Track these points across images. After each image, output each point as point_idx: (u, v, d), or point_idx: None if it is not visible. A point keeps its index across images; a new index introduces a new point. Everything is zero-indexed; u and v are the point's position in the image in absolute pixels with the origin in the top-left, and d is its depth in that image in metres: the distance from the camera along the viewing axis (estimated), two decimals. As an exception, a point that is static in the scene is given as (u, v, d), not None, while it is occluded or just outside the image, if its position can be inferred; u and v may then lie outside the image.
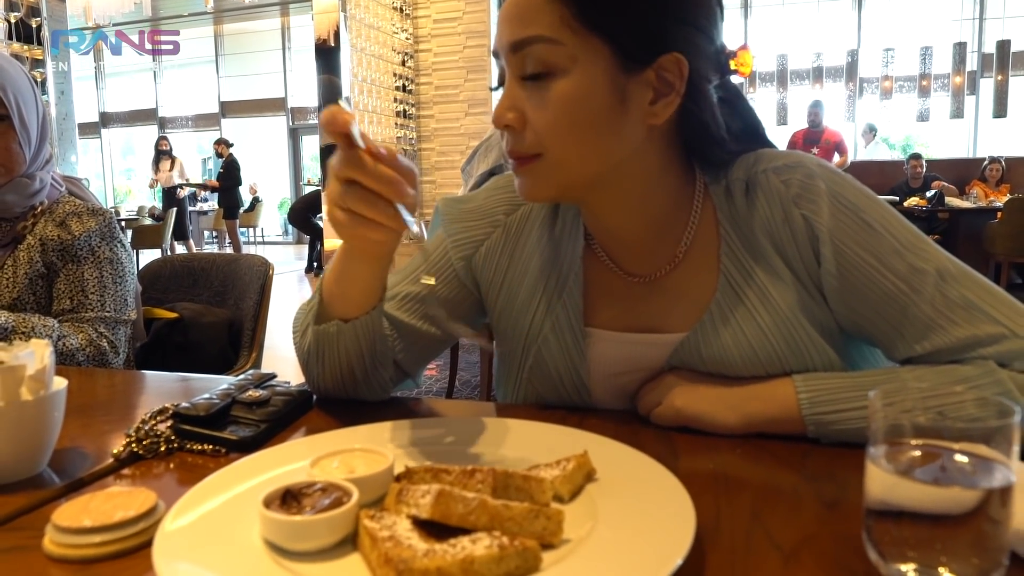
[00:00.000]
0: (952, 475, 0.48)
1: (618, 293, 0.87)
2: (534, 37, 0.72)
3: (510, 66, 0.75)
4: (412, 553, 0.46)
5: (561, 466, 0.59)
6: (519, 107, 0.74)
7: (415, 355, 0.93)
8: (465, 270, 0.93)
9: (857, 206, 0.78)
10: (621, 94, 0.73)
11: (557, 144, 0.74)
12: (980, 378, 0.71)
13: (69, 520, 0.56)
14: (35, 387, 0.68)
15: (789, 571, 0.50)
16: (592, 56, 0.72)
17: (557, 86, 0.72)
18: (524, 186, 0.78)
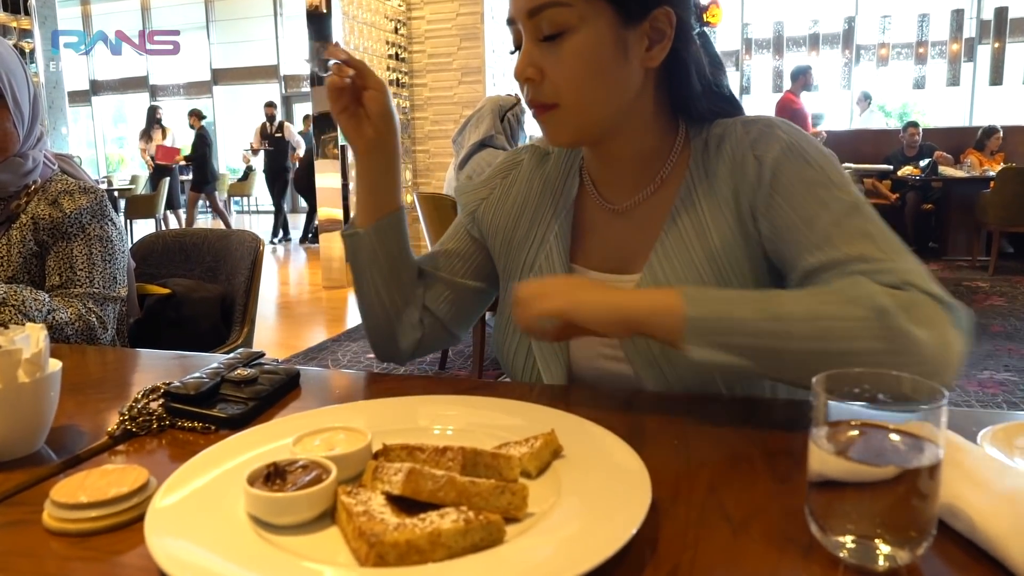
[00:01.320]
0: (886, 454, 0.51)
1: (601, 229, 0.98)
2: (547, 3, 0.83)
3: (527, 30, 0.87)
4: (384, 527, 0.49)
5: (529, 444, 0.63)
6: (537, 63, 0.86)
7: (457, 310, 1.07)
8: (471, 223, 1.09)
9: (807, 153, 0.86)
10: (623, 44, 0.85)
11: (572, 92, 0.86)
12: (850, 288, 0.74)
13: (66, 496, 0.59)
14: (31, 370, 0.71)
15: (737, 542, 0.54)
16: (597, 15, 0.84)
17: (569, 43, 0.84)
18: (547, 131, 0.91)
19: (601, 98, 0.87)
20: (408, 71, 7.12)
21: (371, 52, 6.55)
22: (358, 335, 4.56)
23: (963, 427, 0.73)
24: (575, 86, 0.86)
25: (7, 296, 1.31)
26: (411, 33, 7.08)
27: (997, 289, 5.70)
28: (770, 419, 0.79)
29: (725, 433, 0.75)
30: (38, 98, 1.51)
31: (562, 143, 0.94)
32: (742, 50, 10.20)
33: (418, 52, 7.12)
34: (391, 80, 6.87)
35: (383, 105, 0.95)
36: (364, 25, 6.47)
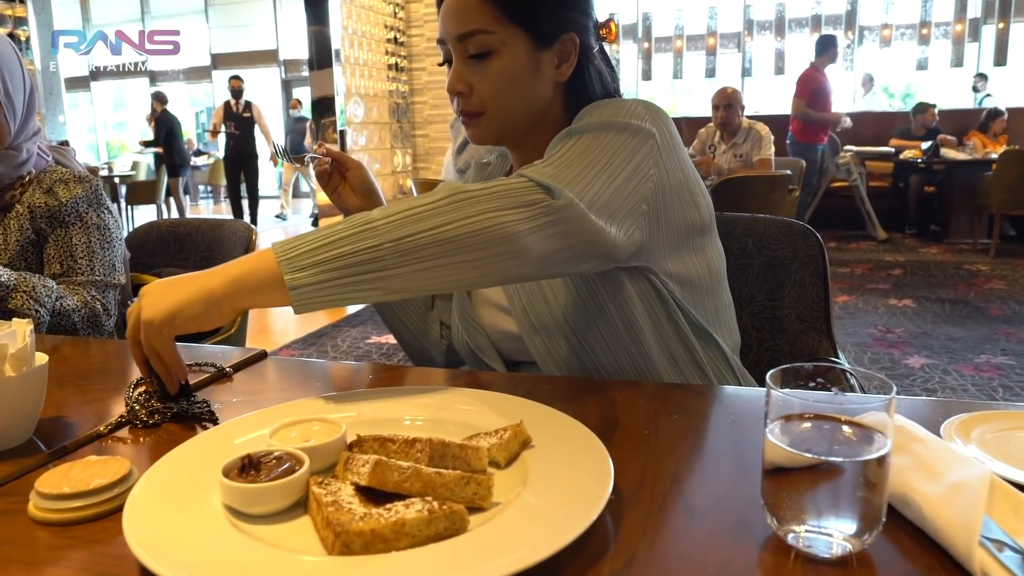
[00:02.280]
0: (837, 446, 0.53)
1: None
2: (475, 30, 0.98)
3: (456, 51, 1.01)
4: (350, 516, 0.51)
5: (498, 435, 0.65)
6: (466, 79, 1.01)
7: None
8: None
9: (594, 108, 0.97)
10: (536, 64, 1.01)
11: (496, 103, 1.01)
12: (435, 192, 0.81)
13: (50, 487, 0.61)
14: (17, 364, 0.73)
15: (694, 530, 0.56)
16: (515, 40, 0.99)
17: (494, 63, 0.99)
18: (475, 134, 1.05)
19: (519, 107, 1.02)
20: (407, 55, 7.10)
21: (369, 36, 6.53)
22: (357, 321, 4.58)
23: (931, 417, 0.75)
24: (498, 98, 1.00)
25: (18, 282, 1.34)
26: (409, 17, 7.06)
27: (998, 272, 5.70)
28: (741, 408, 0.81)
29: (695, 423, 0.77)
30: (34, 90, 1.52)
31: (485, 143, 1.08)
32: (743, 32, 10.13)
33: (416, 36, 7.10)
34: (390, 64, 6.85)
35: (362, 178, 1.14)
36: (362, 9, 6.45)
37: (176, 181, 9.90)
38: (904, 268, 5.96)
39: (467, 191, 0.79)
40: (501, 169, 1.20)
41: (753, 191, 3.85)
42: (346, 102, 6.29)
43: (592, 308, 0.96)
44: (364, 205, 1.13)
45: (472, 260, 0.77)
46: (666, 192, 0.93)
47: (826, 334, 1.34)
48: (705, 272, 1.01)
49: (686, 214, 0.97)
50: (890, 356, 3.75)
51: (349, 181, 1.14)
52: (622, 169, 0.88)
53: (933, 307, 4.67)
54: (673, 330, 0.98)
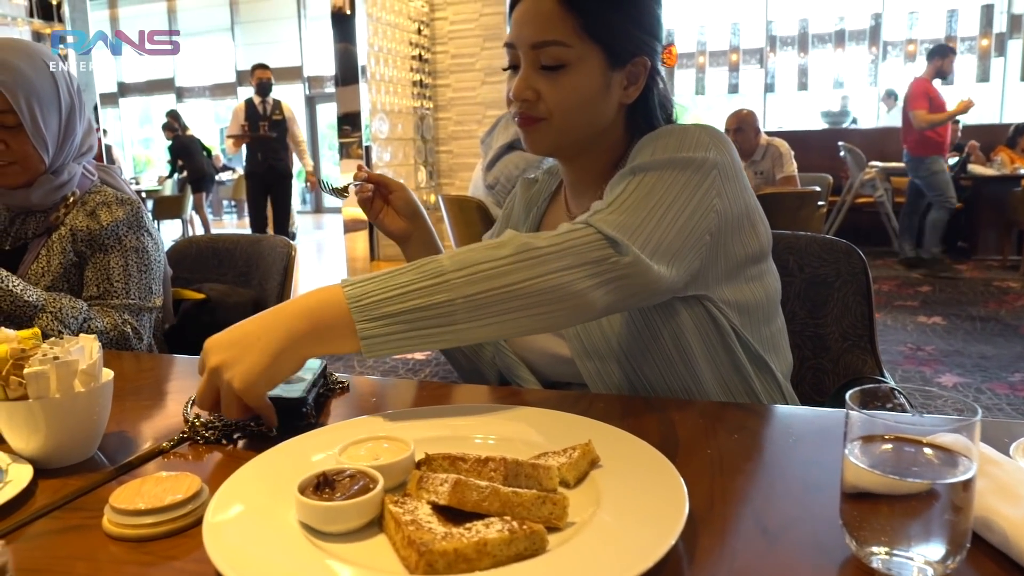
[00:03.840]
0: (920, 468, 0.52)
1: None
2: (553, 41, 0.97)
3: (528, 58, 1.00)
4: (432, 536, 0.52)
5: (567, 454, 0.65)
6: (534, 87, 1.00)
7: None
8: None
9: (658, 137, 0.97)
10: (607, 83, 1.01)
11: (561, 114, 1.00)
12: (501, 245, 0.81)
13: (125, 502, 0.62)
14: (86, 380, 0.74)
15: (772, 553, 0.56)
16: (591, 57, 0.98)
17: (566, 76, 0.98)
18: (532, 139, 1.04)
19: (583, 123, 1.02)
20: (431, 72, 7.17)
21: (394, 53, 6.60)
22: (383, 335, 4.60)
23: (995, 438, 0.74)
24: (564, 110, 1.00)
25: (46, 303, 1.35)
26: (434, 34, 7.13)
27: (1028, 289, 5.61)
28: (801, 428, 0.81)
29: (757, 442, 0.77)
30: (75, 111, 1.49)
31: (540, 151, 1.06)
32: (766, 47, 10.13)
33: (441, 53, 7.16)
34: (414, 81, 6.91)
35: (406, 199, 1.14)
36: (387, 26, 6.52)
37: (200, 196, 9.98)
38: (932, 285, 5.89)
39: (538, 248, 0.80)
40: (548, 187, 1.20)
41: (782, 208, 3.83)
42: (371, 118, 6.35)
43: (646, 334, 0.96)
44: (409, 228, 1.13)
45: (541, 314, 0.80)
46: (728, 222, 0.93)
47: (871, 352, 1.33)
48: (763, 298, 1.01)
49: (746, 242, 0.97)
50: (921, 374, 3.70)
51: (393, 204, 1.13)
52: (686, 206, 0.89)
53: (964, 325, 4.61)
54: (727, 357, 0.97)
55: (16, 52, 1.41)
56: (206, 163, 10.11)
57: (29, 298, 1.34)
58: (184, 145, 9.81)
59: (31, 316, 1.35)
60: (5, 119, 1.38)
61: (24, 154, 1.41)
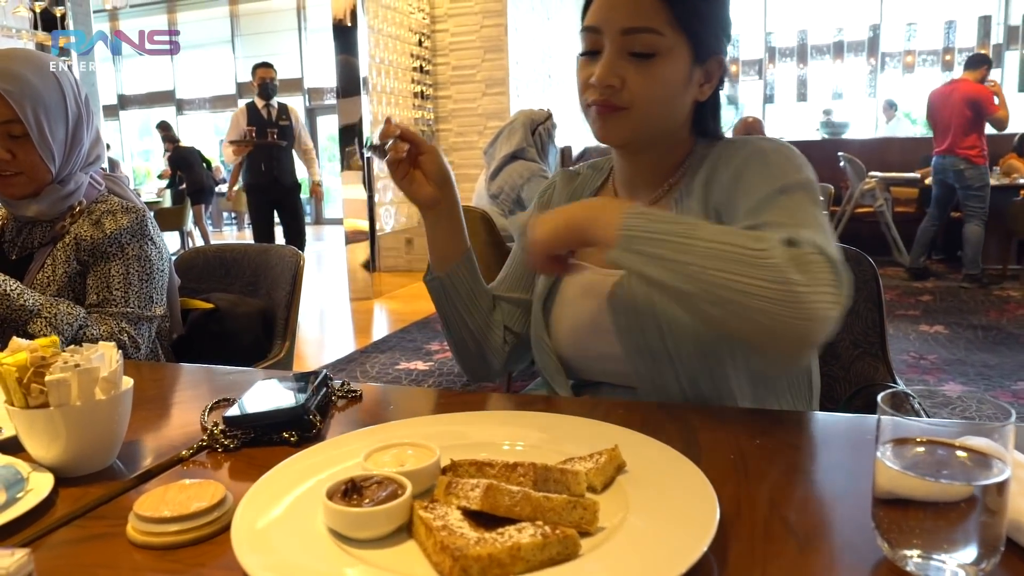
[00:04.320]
0: (953, 471, 0.52)
1: None
2: (647, 28, 0.96)
3: (615, 43, 0.97)
4: (465, 541, 0.51)
5: (594, 459, 0.65)
6: (620, 74, 0.97)
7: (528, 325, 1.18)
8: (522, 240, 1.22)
9: (768, 157, 0.97)
10: (689, 77, 1.00)
11: (645, 104, 0.98)
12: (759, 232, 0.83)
13: (150, 510, 0.62)
14: (107, 387, 0.74)
15: (804, 557, 0.56)
16: (679, 48, 0.97)
17: (655, 65, 0.96)
18: (606, 129, 1.01)
19: (663, 116, 1.00)
20: (432, 83, 7.19)
21: (396, 65, 6.63)
22: (386, 347, 4.59)
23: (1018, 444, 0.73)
24: (647, 101, 0.97)
25: (41, 308, 1.35)
26: (435, 46, 7.16)
27: (1029, 298, 5.62)
28: (823, 433, 0.80)
29: (781, 448, 0.76)
30: (82, 121, 1.49)
31: (614, 141, 1.04)
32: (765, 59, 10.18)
33: (442, 64, 7.18)
34: (415, 92, 6.94)
35: (437, 164, 1.07)
36: (389, 38, 6.55)
37: (199, 209, 9.96)
38: (933, 294, 5.89)
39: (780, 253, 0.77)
40: (593, 182, 1.18)
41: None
42: (373, 129, 6.36)
43: (703, 336, 0.95)
44: (437, 195, 1.07)
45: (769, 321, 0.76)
46: None
47: (882, 359, 1.33)
48: None
49: None
50: (925, 383, 3.70)
51: (422, 167, 1.06)
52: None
53: (966, 333, 4.60)
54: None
55: (23, 62, 1.41)
56: (205, 175, 10.09)
57: (25, 302, 1.34)
58: (183, 156, 9.79)
59: (26, 321, 1.34)
60: (12, 129, 1.38)
61: (31, 164, 1.41)
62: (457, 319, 1.14)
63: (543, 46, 7.84)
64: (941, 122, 6.07)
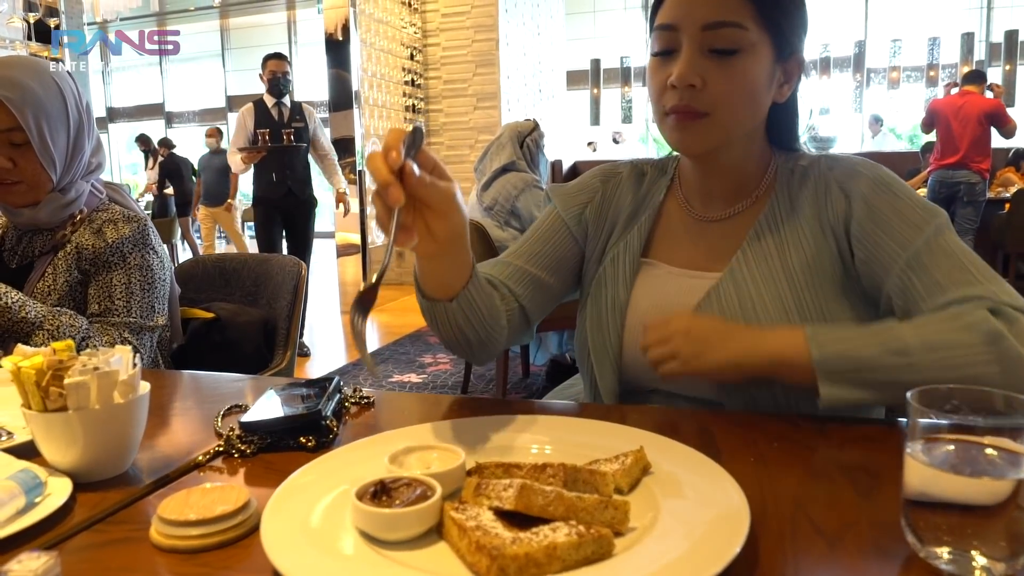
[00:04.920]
0: (983, 467, 0.53)
1: (683, 231, 1.06)
2: (731, 22, 0.90)
3: (694, 40, 0.91)
4: (501, 541, 0.51)
5: (620, 460, 0.65)
6: (701, 73, 0.91)
7: (538, 303, 1.10)
8: (577, 226, 1.13)
9: (890, 183, 0.94)
10: (771, 77, 0.95)
11: (727, 107, 0.92)
12: (960, 317, 0.80)
13: (175, 513, 0.61)
14: (125, 391, 0.74)
15: (835, 555, 0.56)
16: (763, 44, 0.92)
17: (740, 62, 0.91)
18: (686, 139, 0.95)
19: (746, 118, 0.95)
20: (424, 97, 7.21)
21: (387, 78, 6.65)
22: (378, 359, 4.58)
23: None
24: (731, 101, 0.92)
25: (44, 319, 1.34)
26: (427, 60, 7.19)
27: (1016, 310, 5.66)
28: (842, 436, 0.81)
29: (799, 450, 0.77)
30: (83, 128, 1.48)
31: (696, 152, 0.98)
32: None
33: (434, 78, 7.22)
34: (407, 106, 6.96)
35: (451, 225, 0.78)
36: (381, 52, 6.57)
37: (186, 221, 9.89)
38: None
39: (1001, 336, 0.77)
40: (657, 189, 1.10)
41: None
42: (364, 143, 6.37)
43: None
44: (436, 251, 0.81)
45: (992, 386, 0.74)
46: None
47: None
48: None
49: None
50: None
51: (432, 228, 0.76)
52: None
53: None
54: None
55: (25, 70, 1.40)
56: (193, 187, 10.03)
57: (27, 315, 1.32)
58: (177, 165, 9.74)
59: (28, 333, 1.33)
60: (13, 137, 1.37)
61: (32, 172, 1.40)
62: (459, 335, 0.95)
63: (534, 60, 7.89)
64: (951, 134, 6.12)
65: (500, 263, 1.10)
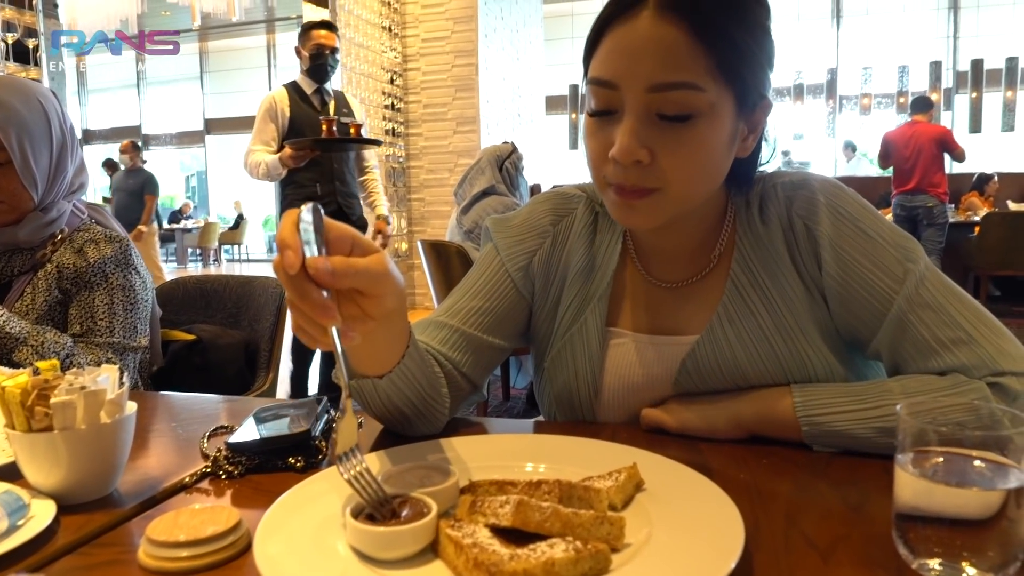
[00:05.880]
0: (972, 478, 0.54)
1: (645, 298, 0.96)
2: (683, 83, 0.75)
3: (639, 103, 0.76)
4: (499, 557, 0.51)
5: (613, 477, 0.65)
6: (648, 144, 0.77)
7: (482, 367, 0.97)
8: (523, 280, 0.99)
9: (854, 216, 0.86)
10: (733, 135, 0.81)
11: (682, 181, 0.79)
12: (957, 386, 0.78)
13: (164, 535, 0.60)
14: (112, 411, 0.73)
15: (829, 568, 0.56)
16: (724, 103, 0.78)
17: (695, 129, 0.77)
18: (632, 217, 0.82)
19: (704, 189, 0.83)
20: (404, 121, 7.24)
21: (368, 102, 6.67)
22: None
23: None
24: (688, 174, 0.78)
25: (28, 336, 1.32)
26: (407, 84, 7.22)
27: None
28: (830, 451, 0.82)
29: (788, 466, 0.77)
30: (67, 149, 1.47)
31: (646, 227, 0.88)
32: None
33: (414, 103, 7.25)
34: (387, 130, 6.97)
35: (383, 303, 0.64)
36: (361, 76, 6.60)
37: None
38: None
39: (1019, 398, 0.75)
40: (608, 249, 0.97)
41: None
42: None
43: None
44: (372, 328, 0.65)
45: None
46: None
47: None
48: None
49: None
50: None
51: (361, 306, 0.63)
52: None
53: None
54: None
55: (8, 89, 1.39)
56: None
57: (11, 330, 1.31)
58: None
59: (11, 349, 1.31)
60: None
61: (12, 192, 1.39)
62: (395, 412, 0.84)
63: (513, 85, 7.96)
64: (906, 162, 6.34)
65: (435, 324, 0.96)
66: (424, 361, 0.83)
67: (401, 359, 0.78)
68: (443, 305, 0.99)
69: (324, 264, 0.58)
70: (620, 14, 0.77)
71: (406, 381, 0.81)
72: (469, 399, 0.98)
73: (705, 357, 0.88)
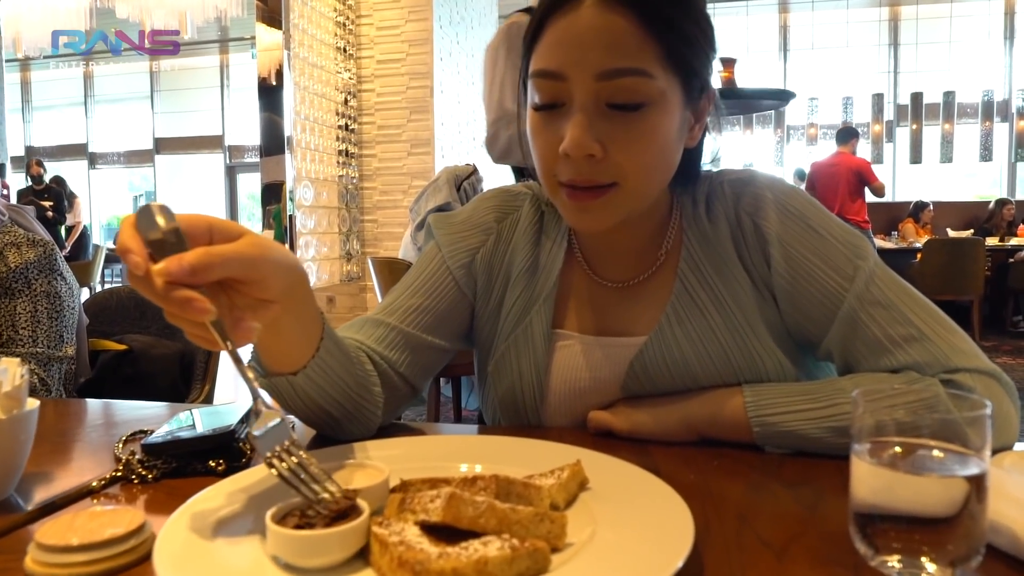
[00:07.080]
0: (931, 465, 0.51)
1: (591, 299, 0.93)
2: (632, 69, 0.73)
3: (589, 93, 0.74)
4: (426, 555, 0.46)
5: (556, 475, 0.61)
6: (599, 136, 0.74)
7: (421, 368, 0.92)
8: (465, 278, 0.95)
9: (803, 213, 0.85)
10: (682, 124, 0.80)
11: (637, 173, 0.77)
12: (911, 383, 0.76)
13: (54, 538, 0.54)
14: (9, 405, 0.66)
15: (784, 567, 0.53)
16: (672, 91, 0.76)
17: (647, 117, 0.75)
18: (587, 220, 0.80)
19: (659, 181, 0.81)
20: (357, 142, 7.17)
21: (321, 122, 6.59)
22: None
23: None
24: (642, 166, 0.76)
25: None
26: (361, 105, 7.17)
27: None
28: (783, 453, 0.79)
29: (740, 468, 0.74)
30: None
31: (602, 228, 0.82)
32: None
33: (368, 124, 7.19)
34: (340, 150, 6.90)
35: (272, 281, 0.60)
36: (315, 96, 6.53)
37: None
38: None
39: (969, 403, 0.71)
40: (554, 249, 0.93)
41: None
42: (296, 185, 6.27)
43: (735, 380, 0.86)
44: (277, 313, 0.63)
45: None
46: None
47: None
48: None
49: None
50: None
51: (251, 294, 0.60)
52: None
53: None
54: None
55: None
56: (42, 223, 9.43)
57: None
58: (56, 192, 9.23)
59: None
60: None
61: None
62: (317, 410, 0.78)
63: (468, 108, 7.97)
64: (827, 191, 6.63)
65: (371, 322, 0.91)
66: (347, 357, 0.78)
67: (316, 352, 0.73)
68: (382, 303, 0.94)
69: (176, 264, 0.53)
70: (561, 5, 0.76)
71: (327, 379, 0.75)
72: (405, 401, 0.93)
73: (654, 358, 0.85)
